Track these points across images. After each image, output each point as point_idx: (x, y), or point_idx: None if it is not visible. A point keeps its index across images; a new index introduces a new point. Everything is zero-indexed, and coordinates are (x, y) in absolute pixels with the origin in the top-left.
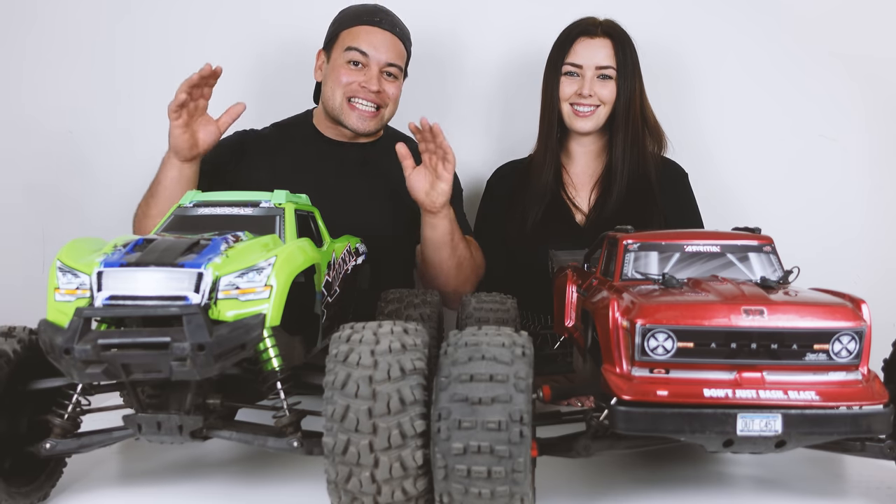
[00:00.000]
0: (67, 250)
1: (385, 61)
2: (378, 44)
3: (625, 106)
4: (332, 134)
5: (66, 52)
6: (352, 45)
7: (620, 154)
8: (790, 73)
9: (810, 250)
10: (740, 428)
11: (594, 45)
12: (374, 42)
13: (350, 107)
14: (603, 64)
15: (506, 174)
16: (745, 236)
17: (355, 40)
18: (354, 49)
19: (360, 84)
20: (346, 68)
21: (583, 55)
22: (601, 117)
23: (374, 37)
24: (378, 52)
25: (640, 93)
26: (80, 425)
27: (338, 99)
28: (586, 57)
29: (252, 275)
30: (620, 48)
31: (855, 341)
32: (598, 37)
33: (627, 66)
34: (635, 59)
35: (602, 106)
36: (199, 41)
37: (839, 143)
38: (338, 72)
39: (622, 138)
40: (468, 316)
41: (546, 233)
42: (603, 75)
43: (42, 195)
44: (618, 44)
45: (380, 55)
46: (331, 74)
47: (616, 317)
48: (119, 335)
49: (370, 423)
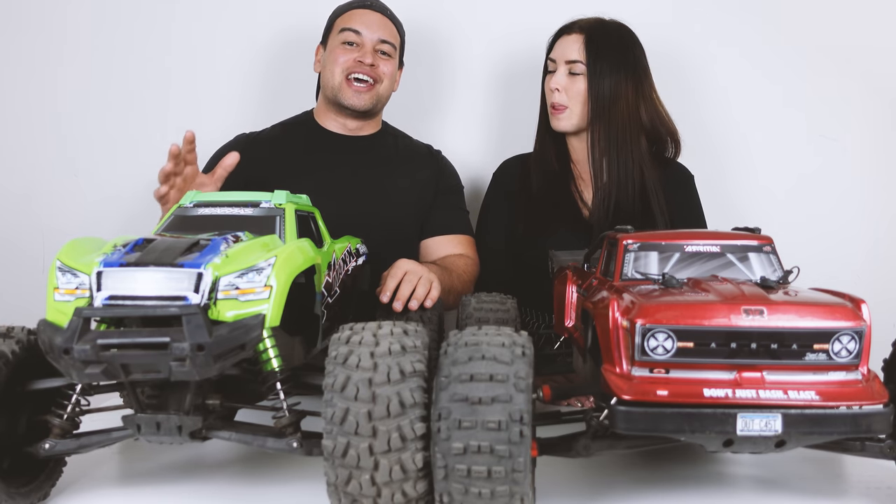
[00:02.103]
0: (67, 250)
1: (378, 38)
2: (370, 22)
3: (598, 105)
4: (334, 126)
5: (66, 53)
6: (345, 26)
7: (599, 159)
8: (790, 73)
9: (810, 250)
10: (740, 428)
11: (568, 41)
12: (366, 21)
13: (347, 83)
14: (571, 58)
15: (512, 168)
16: (745, 236)
17: (348, 21)
18: (348, 29)
19: (355, 59)
20: (342, 48)
21: (557, 50)
22: (575, 116)
23: (365, 17)
24: (370, 30)
25: (632, 93)
26: (79, 425)
27: (337, 78)
28: (559, 52)
29: (252, 275)
30: (593, 45)
31: (855, 341)
32: (574, 33)
33: (600, 64)
34: (620, 57)
35: (572, 106)
36: (199, 42)
37: (840, 143)
38: (334, 54)
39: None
40: (468, 316)
41: (553, 230)
42: (571, 71)
43: (42, 195)
44: (590, 40)
45: (372, 33)
46: (328, 58)
47: (616, 317)
48: (118, 335)
49: (370, 426)
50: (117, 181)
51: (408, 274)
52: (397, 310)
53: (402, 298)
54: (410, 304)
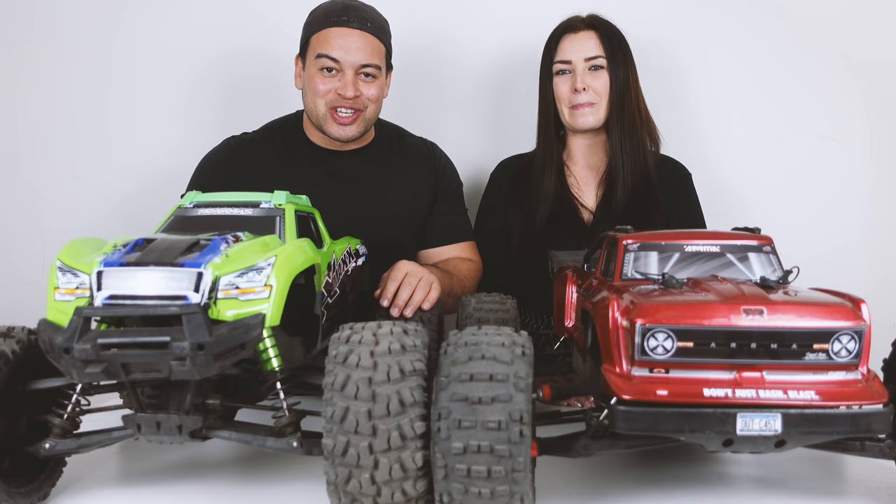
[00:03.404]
0: (67, 250)
1: (359, 63)
2: (349, 46)
3: (619, 95)
4: (323, 142)
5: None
6: (321, 51)
7: (619, 145)
8: (790, 73)
9: (810, 250)
10: (740, 427)
11: (580, 39)
12: (344, 45)
13: (331, 115)
14: (591, 55)
15: (510, 169)
16: (745, 236)
17: (325, 46)
18: (325, 56)
19: (336, 92)
20: (321, 76)
21: (570, 50)
22: (601, 111)
23: (343, 39)
24: (350, 54)
25: (633, 83)
26: (79, 425)
27: (320, 109)
28: (574, 51)
29: (252, 275)
30: (606, 38)
31: (854, 341)
32: (583, 30)
33: (617, 55)
34: (625, 48)
35: (599, 101)
36: (199, 42)
37: (839, 142)
38: (313, 81)
39: (619, 128)
40: (468, 316)
41: (554, 233)
42: (594, 66)
43: (42, 195)
44: (603, 34)
45: (352, 57)
46: (308, 84)
47: (616, 317)
48: (118, 335)
49: (370, 425)
50: (117, 181)
51: (407, 276)
52: (394, 315)
53: (399, 305)
54: (405, 312)
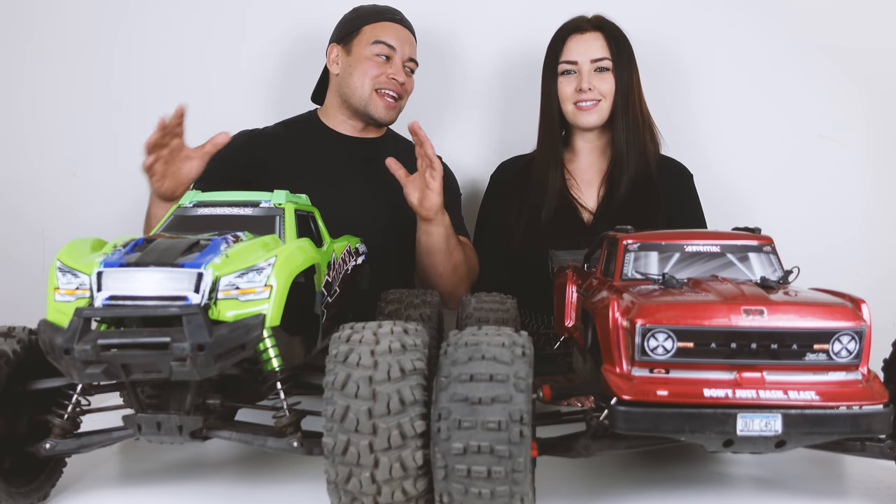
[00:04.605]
0: (67, 250)
1: (408, 55)
2: (402, 39)
3: (624, 96)
4: (344, 128)
5: (66, 54)
6: (380, 38)
7: (624, 145)
8: (790, 72)
9: (810, 250)
10: (740, 428)
11: (586, 40)
12: (399, 37)
13: (379, 96)
14: (597, 56)
15: (510, 169)
16: (745, 236)
17: (383, 34)
18: (383, 42)
19: (388, 76)
20: (374, 61)
21: (576, 51)
22: (604, 110)
23: (398, 32)
24: (402, 46)
25: (637, 84)
26: (79, 425)
27: (366, 89)
28: (580, 52)
29: (252, 275)
30: (613, 40)
31: (855, 341)
32: (589, 31)
33: (622, 57)
34: (629, 50)
35: (603, 99)
36: (198, 43)
37: (838, 142)
38: (365, 64)
39: (623, 128)
40: (468, 316)
41: (553, 233)
42: (599, 68)
43: (42, 195)
44: (609, 36)
45: (404, 50)
46: (357, 67)
47: (616, 317)
48: (119, 335)
49: (370, 424)
50: (117, 181)
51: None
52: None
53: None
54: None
